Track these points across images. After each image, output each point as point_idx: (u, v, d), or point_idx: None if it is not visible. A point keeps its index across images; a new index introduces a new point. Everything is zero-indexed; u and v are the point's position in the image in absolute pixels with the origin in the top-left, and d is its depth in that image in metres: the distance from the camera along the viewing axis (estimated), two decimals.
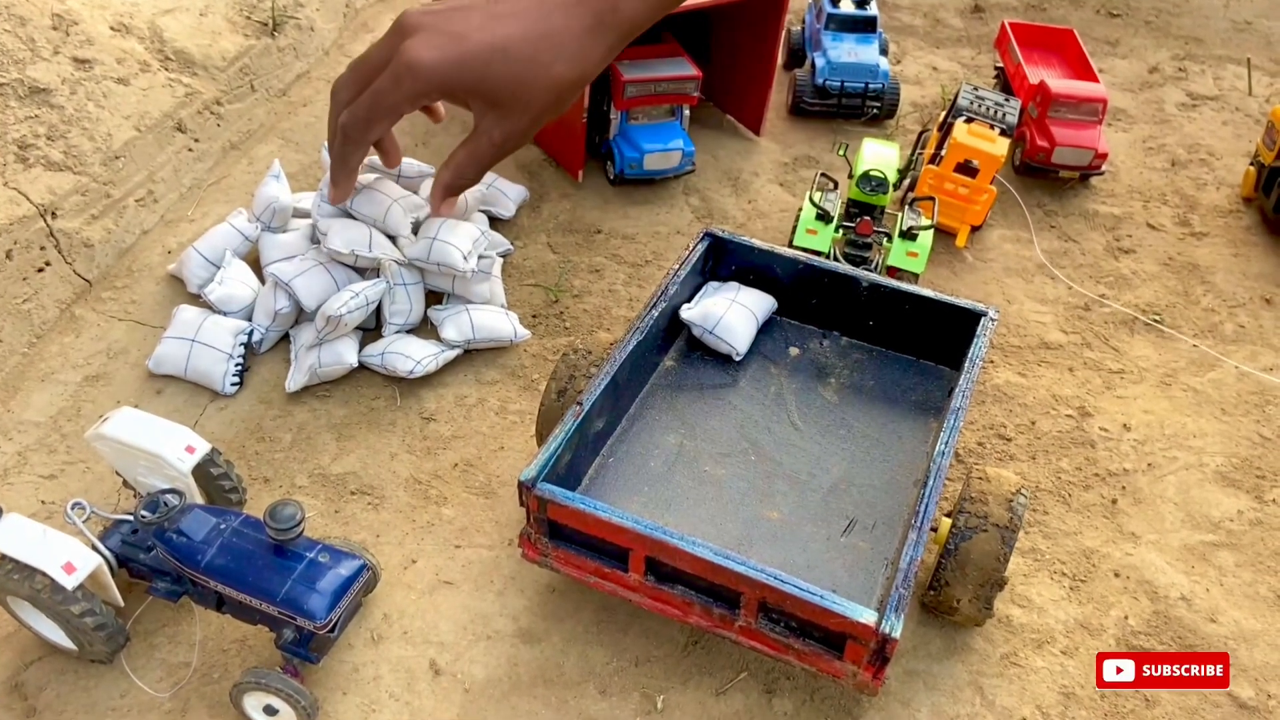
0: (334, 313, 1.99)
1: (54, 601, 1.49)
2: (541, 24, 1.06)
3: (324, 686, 1.62)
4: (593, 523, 1.54)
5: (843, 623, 1.42)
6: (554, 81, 1.09)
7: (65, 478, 1.90)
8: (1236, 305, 2.57)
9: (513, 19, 1.08)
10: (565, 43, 1.07)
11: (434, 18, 1.13)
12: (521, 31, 1.07)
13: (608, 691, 1.65)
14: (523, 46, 1.07)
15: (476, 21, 1.11)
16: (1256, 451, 2.16)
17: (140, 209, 2.45)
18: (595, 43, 1.08)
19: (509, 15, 1.08)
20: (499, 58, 1.07)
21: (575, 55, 1.08)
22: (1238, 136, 3.23)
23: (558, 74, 1.08)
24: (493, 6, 1.13)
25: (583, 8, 1.06)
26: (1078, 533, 1.96)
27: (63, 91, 2.44)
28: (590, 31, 1.06)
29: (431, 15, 1.14)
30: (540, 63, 1.07)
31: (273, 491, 1.91)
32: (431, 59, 1.08)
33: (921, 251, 2.38)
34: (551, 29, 1.07)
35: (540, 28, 1.07)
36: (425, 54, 1.09)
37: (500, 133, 1.16)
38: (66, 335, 2.18)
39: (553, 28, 1.07)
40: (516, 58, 1.08)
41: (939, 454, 1.65)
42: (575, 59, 1.08)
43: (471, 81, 1.09)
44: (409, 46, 1.11)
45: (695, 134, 2.84)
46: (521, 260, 2.48)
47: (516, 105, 1.11)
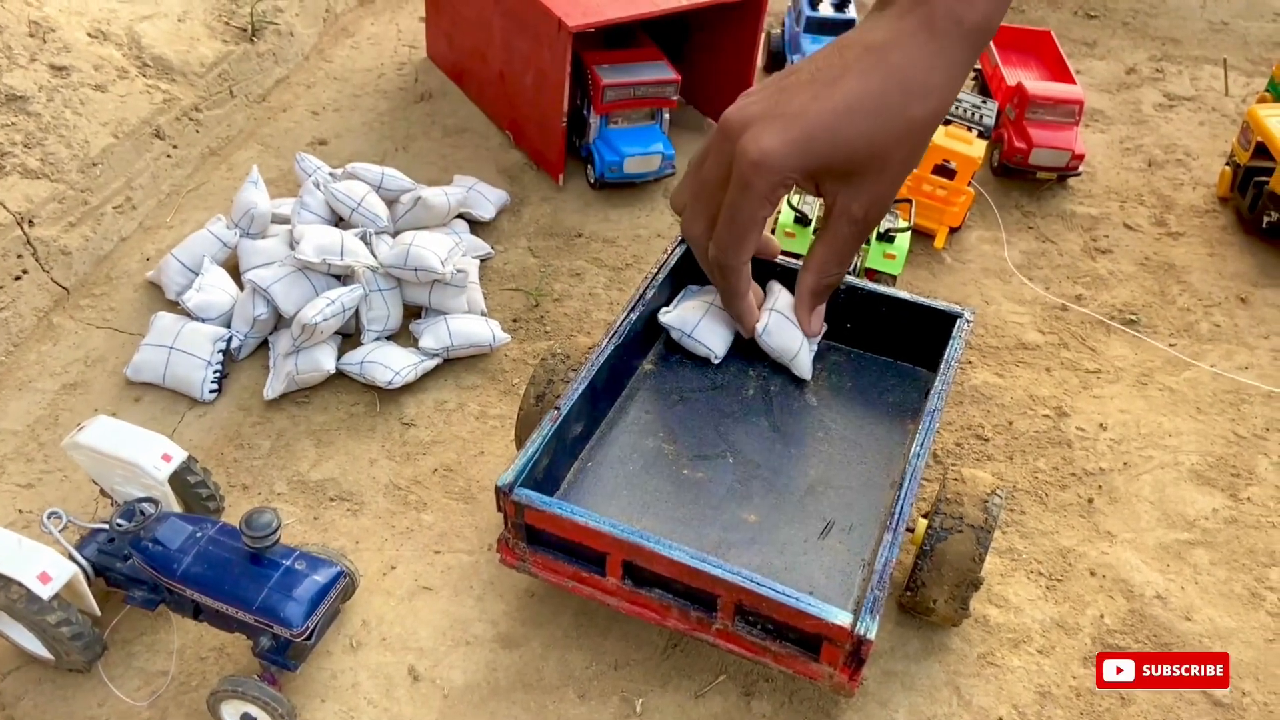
0: (310, 320, 1.99)
1: (30, 611, 1.48)
2: (881, 69, 0.94)
3: (302, 694, 1.62)
4: (570, 527, 1.54)
5: (818, 624, 1.43)
6: (911, 124, 0.96)
7: (42, 486, 1.89)
8: (1212, 305, 2.59)
9: (847, 75, 0.95)
10: (915, 80, 0.94)
11: (761, 106, 1.00)
12: (861, 85, 0.95)
13: (587, 696, 1.65)
14: (866, 100, 0.95)
15: (808, 94, 0.96)
16: (1231, 450, 2.18)
17: (118, 216, 2.44)
18: (947, 68, 0.93)
19: (840, 73, 0.95)
20: (845, 122, 0.95)
21: (930, 89, 0.94)
22: (1214, 136, 3.26)
23: (914, 116, 0.95)
24: (817, 71, 0.97)
25: (922, 35, 0.92)
26: (1054, 532, 1.98)
27: (40, 99, 2.43)
28: (938, 57, 0.92)
29: (758, 104, 1.01)
30: (892, 111, 0.95)
31: (251, 499, 1.90)
32: (776, 148, 0.96)
33: (899, 253, 2.39)
34: (894, 69, 0.94)
35: (881, 73, 0.94)
36: (767, 145, 0.97)
37: (860, 205, 1.03)
38: (44, 343, 2.17)
39: (894, 68, 0.93)
40: (865, 113, 0.95)
41: (915, 455, 1.65)
42: (930, 93, 0.94)
43: (823, 156, 0.97)
44: (747, 144, 0.99)
45: (675, 137, 2.85)
46: (502, 264, 2.49)
47: (873, 166, 0.98)
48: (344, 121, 2.95)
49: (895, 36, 0.92)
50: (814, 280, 1.10)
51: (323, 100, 3.04)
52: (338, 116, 2.97)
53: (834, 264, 1.10)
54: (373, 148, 2.84)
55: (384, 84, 3.14)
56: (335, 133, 2.90)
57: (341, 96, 3.06)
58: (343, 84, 3.12)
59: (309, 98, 3.05)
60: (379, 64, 3.24)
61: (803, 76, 1.00)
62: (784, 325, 1.96)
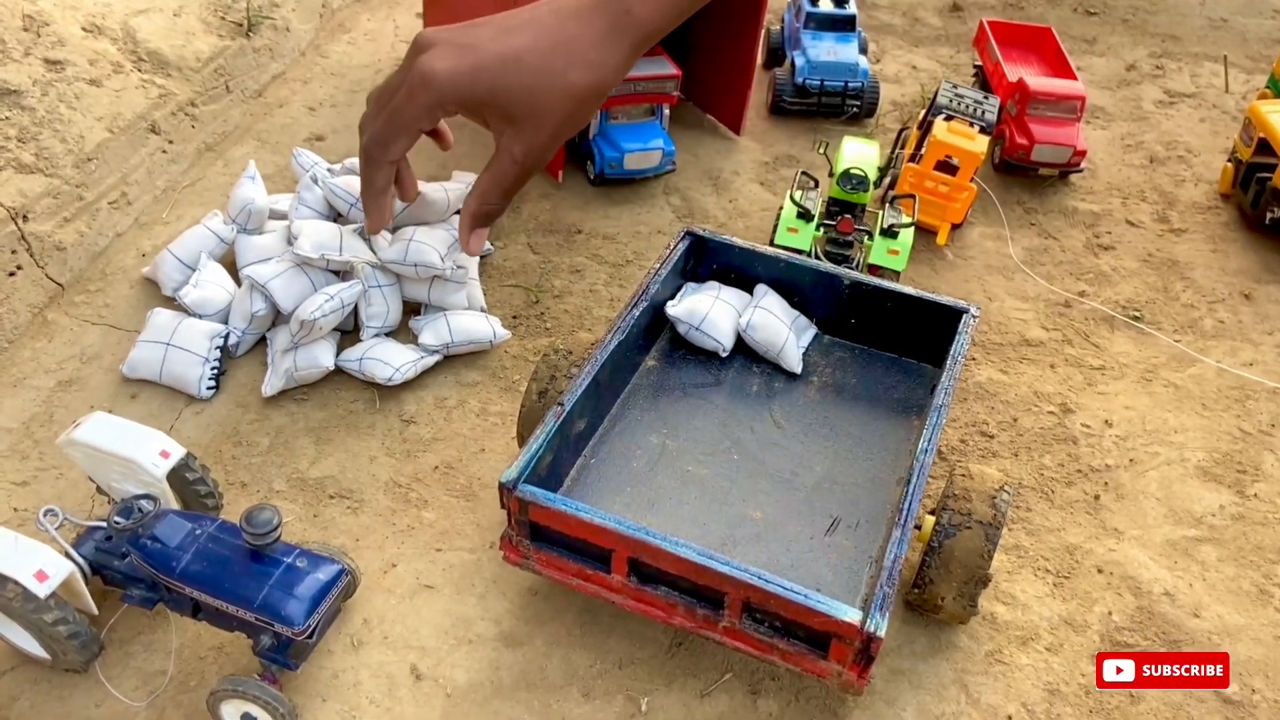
0: (308, 316, 1.97)
1: (26, 610, 1.46)
2: (555, 33, 1.08)
3: (303, 693, 1.59)
4: (575, 524, 1.52)
5: (827, 622, 1.41)
6: (569, 90, 1.09)
7: (38, 484, 1.87)
8: (1216, 301, 2.58)
9: (525, 29, 1.10)
10: (580, 50, 1.07)
11: (448, 33, 1.14)
12: (533, 41, 1.08)
13: (591, 695, 1.63)
14: (535, 56, 1.08)
15: (489, 34, 1.12)
16: (1237, 446, 2.17)
17: (114, 211, 2.42)
18: (611, 50, 1.08)
19: (522, 26, 1.11)
20: (512, 68, 1.08)
21: (590, 63, 1.07)
22: (1215, 133, 3.25)
23: (573, 82, 1.09)
24: (506, 20, 1.14)
25: (597, 14, 1.06)
26: (1061, 529, 1.96)
27: (34, 93, 2.40)
28: (605, 38, 1.05)
29: (445, 31, 1.16)
30: (554, 71, 1.08)
31: (250, 496, 1.88)
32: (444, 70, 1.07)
33: (902, 249, 2.37)
34: (565, 37, 1.08)
35: (553, 36, 1.08)
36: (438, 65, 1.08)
37: (520, 149, 1.15)
38: (39, 340, 2.15)
39: (566, 36, 1.07)
40: (529, 67, 1.08)
41: (922, 451, 1.64)
42: (591, 66, 1.08)
43: (485, 93, 1.09)
44: (421, 61, 1.12)
45: (675, 133, 2.83)
46: (502, 261, 2.47)
47: (532, 117, 1.10)
48: (341, 117, 2.93)
49: (577, 8, 1.04)
50: (476, 205, 1.22)
51: (319, 96, 3.02)
52: (335, 112, 2.95)
53: (495, 194, 1.22)
54: None
55: (381, 80, 3.11)
56: (332, 128, 2.87)
57: (339, 92, 3.04)
58: (340, 80, 3.10)
59: (306, 93, 3.02)
60: (376, 60, 3.22)
61: (495, 20, 1.14)
62: (769, 320, 2.00)
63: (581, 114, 1.19)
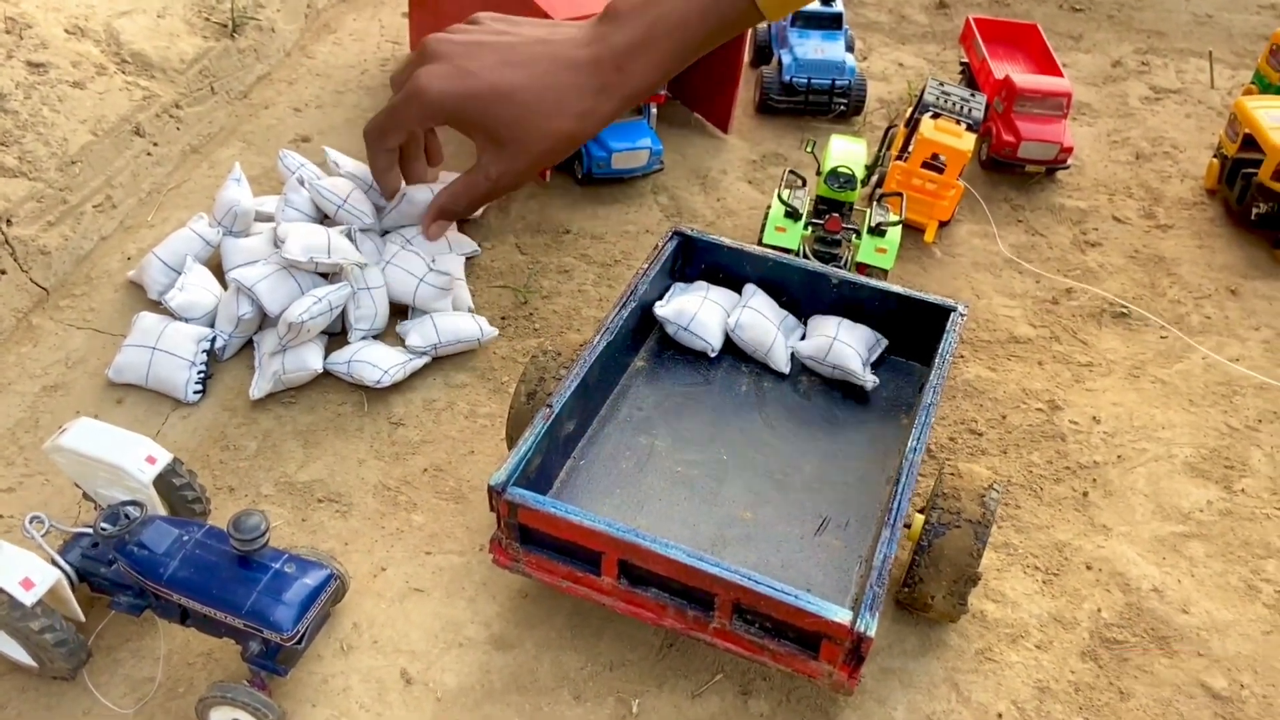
0: (296, 319, 1.96)
1: (12, 618, 1.45)
2: (549, 78, 1.13)
3: (292, 699, 1.59)
4: (564, 526, 1.52)
5: (817, 622, 1.41)
6: (552, 132, 1.17)
7: (23, 491, 1.85)
8: (1202, 296, 2.59)
9: (524, 68, 1.15)
10: (569, 100, 1.11)
11: (452, 48, 1.19)
12: (528, 80, 1.11)
13: (582, 697, 1.63)
14: (527, 94, 1.12)
15: (490, 63, 1.18)
16: (1225, 442, 2.18)
17: (98, 215, 2.40)
18: (598, 104, 1.12)
19: (522, 64, 1.16)
20: (503, 101, 1.15)
21: (577, 113, 1.12)
22: (1200, 129, 3.26)
23: (556, 127, 1.16)
24: (509, 53, 1.19)
25: (593, 70, 1.09)
26: (1050, 526, 1.97)
27: (16, 96, 2.39)
28: (595, 93, 1.10)
29: (450, 45, 1.20)
30: (541, 113, 1.14)
31: (238, 501, 1.87)
32: (438, 89, 1.14)
33: (890, 247, 2.38)
34: (558, 84, 1.12)
35: (546, 81, 1.14)
36: (434, 84, 1.15)
37: (496, 170, 1.24)
38: (23, 345, 2.13)
39: (559, 83, 1.11)
40: (519, 104, 1.12)
41: (911, 450, 1.64)
42: (575, 116, 1.16)
43: (474, 117, 1.15)
44: (422, 73, 1.21)
45: (663, 132, 2.82)
46: (489, 261, 2.46)
47: (513, 147, 1.16)
48: (327, 118, 2.92)
49: (575, 59, 1.10)
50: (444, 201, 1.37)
51: (305, 97, 3.00)
52: (320, 113, 2.94)
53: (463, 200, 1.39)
54: (356, 145, 2.78)
55: (367, 80, 3.10)
56: (318, 129, 2.86)
57: (324, 93, 3.03)
58: (325, 80, 3.09)
59: (291, 94, 3.01)
60: (362, 60, 3.21)
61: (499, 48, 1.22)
62: (757, 321, 2.01)
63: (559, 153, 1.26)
